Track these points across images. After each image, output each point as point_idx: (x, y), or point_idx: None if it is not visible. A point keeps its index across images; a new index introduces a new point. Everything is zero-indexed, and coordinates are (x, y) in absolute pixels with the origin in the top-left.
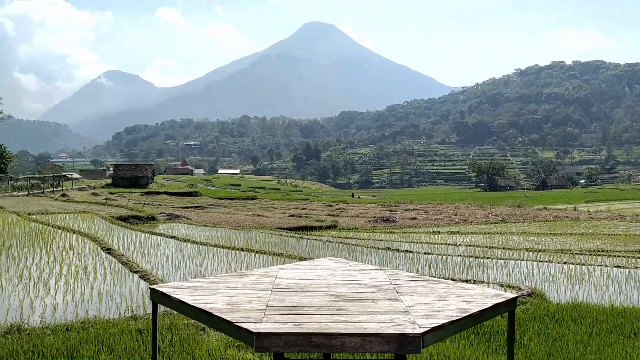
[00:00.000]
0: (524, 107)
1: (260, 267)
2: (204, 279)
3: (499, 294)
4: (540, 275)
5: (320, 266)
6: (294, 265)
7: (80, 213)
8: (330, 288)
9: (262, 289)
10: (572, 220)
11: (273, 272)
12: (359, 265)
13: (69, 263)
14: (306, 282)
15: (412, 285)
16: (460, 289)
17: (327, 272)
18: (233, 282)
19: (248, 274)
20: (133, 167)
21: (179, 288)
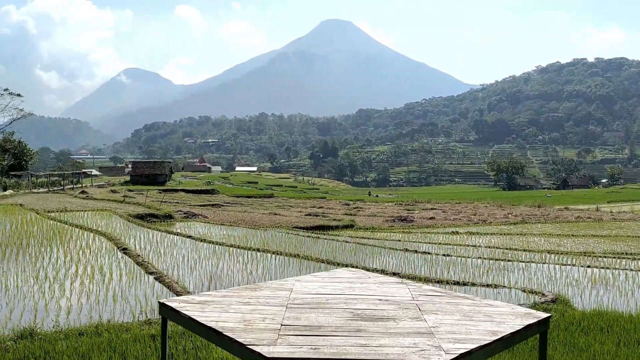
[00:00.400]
0: (544, 104)
1: (277, 268)
2: (217, 292)
3: (529, 313)
4: (563, 280)
5: (338, 278)
6: (310, 277)
7: (98, 211)
8: (348, 304)
9: (277, 305)
10: (594, 221)
11: (289, 285)
12: (379, 277)
13: (85, 263)
14: (323, 297)
15: (436, 301)
16: (487, 307)
17: (345, 285)
18: (247, 296)
19: (263, 286)
20: (151, 164)
21: (189, 303)
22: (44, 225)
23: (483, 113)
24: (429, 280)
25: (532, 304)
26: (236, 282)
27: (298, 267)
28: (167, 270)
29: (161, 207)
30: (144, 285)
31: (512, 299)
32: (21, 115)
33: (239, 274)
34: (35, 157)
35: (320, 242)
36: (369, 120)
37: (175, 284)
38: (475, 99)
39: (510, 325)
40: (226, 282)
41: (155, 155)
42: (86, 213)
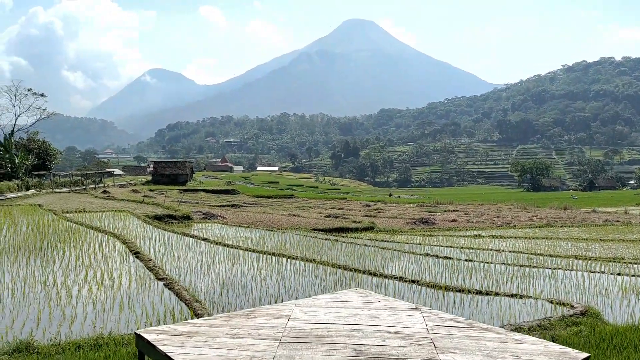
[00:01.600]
0: (570, 104)
1: (291, 274)
2: (203, 321)
3: (565, 353)
4: (592, 289)
5: (344, 302)
6: (312, 301)
7: (116, 212)
8: (352, 338)
9: (270, 337)
10: (623, 224)
11: (287, 311)
12: (390, 301)
13: (96, 268)
14: (324, 328)
15: (454, 335)
16: (515, 343)
17: (350, 311)
18: (237, 325)
19: (257, 312)
20: (172, 164)
21: (169, 335)
22: (59, 226)
23: (507, 113)
24: (450, 289)
25: (560, 316)
26: (249, 289)
27: (313, 273)
28: (178, 276)
29: (180, 207)
30: (153, 292)
31: (539, 311)
32: (46, 116)
33: (252, 281)
34: (58, 157)
35: (338, 246)
36: (391, 120)
37: (185, 292)
38: (499, 99)
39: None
40: (238, 289)
41: (178, 155)
42: (104, 214)
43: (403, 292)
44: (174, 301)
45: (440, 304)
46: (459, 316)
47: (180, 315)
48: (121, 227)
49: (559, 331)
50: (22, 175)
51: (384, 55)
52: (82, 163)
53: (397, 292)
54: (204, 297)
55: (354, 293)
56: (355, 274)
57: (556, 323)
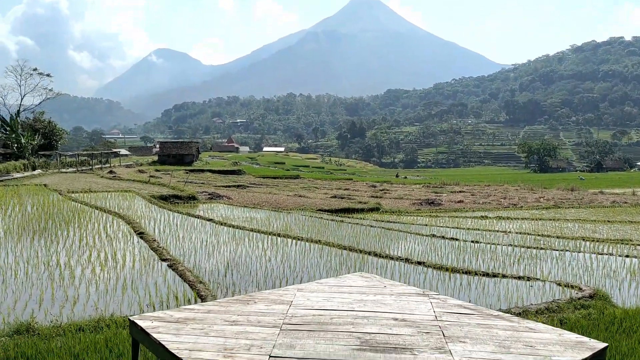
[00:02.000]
0: (578, 85)
1: (296, 255)
2: (201, 307)
3: (581, 343)
4: (600, 271)
5: (348, 287)
6: (315, 286)
7: (122, 192)
8: (356, 326)
9: (270, 325)
10: (631, 206)
11: (288, 296)
12: (396, 286)
13: (99, 248)
14: (327, 315)
15: (464, 322)
16: (528, 332)
17: (355, 297)
18: (236, 311)
19: (258, 298)
20: (178, 144)
21: (165, 321)
22: (64, 207)
23: (514, 93)
24: (456, 271)
25: (569, 299)
26: (253, 271)
27: (319, 255)
28: (182, 257)
29: (185, 188)
30: (156, 273)
31: (547, 293)
32: (52, 96)
33: (257, 262)
34: (64, 137)
35: (344, 227)
36: (398, 101)
37: (189, 273)
38: (506, 79)
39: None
40: (243, 270)
41: (185, 135)
42: (110, 194)
43: (409, 274)
44: (177, 282)
45: (446, 286)
46: (468, 302)
47: (183, 297)
48: (126, 208)
49: (567, 314)
50: (28, 156)
51: (391, 35)
52: (89, 143)
53: (402, 273)
54: (208, 278)
55: (358, 277)
56: (361, 255)
57: (564, 306)
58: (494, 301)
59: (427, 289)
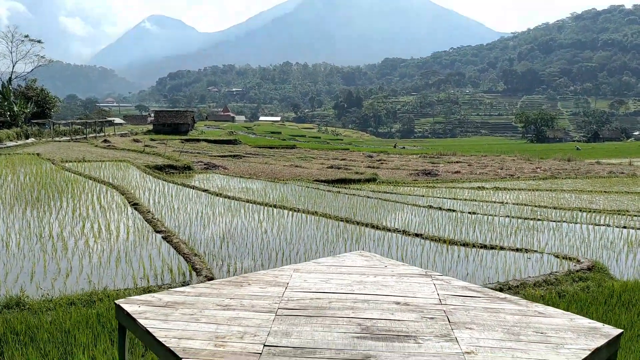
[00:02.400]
0: (578, 54)
1: (293, 227)
2: (192, 289)
3: (594, 329)
4: (597, 242)
5: (347, 268)
6: (312, 265)
7: (116, 162)
8: (356, 311)
9: (265, 310)
10: (627, 176)
11: (284, 277)
12: (397, 266)
13: (93, 220)
14: (325, 298)
15: (470, 306)
16: (537, 317)
17: (354, 278)
18: (229, 294)
19: (252, 279)
20: (173, 113)
21: (153, 305)
22: (57, 177)
23: (513, 62)
24: (454, 243)
25: (567, 271)
26: (249, 242)
27: (315, 226)
28: (177, 228)
29: (181, 158)
30: (151, 245)
31: (545, 266)
32: (43, 63)
33: (253, 233)
34: (58, 105)
35: (340, 197)
36: (395, 70)
37: (183, 245)
38: (505, 48)
39: (572, 350)
40: (239, 242)
41: (180, 104)
42: (104, 164)
43: (406, 246)
44: (172, 255)
45: (444, 258)
46: (474, 285)
47: (178, 270)
48: (121, 178)
49: (565, 287)
50: (21, 124)
51: (389, 2)
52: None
53: (400, 245)
54: (203, 250)
55: (358, 256)
56: (358, 227)
57: (562, 278)
58: (491, 274)
59: (425, 261)
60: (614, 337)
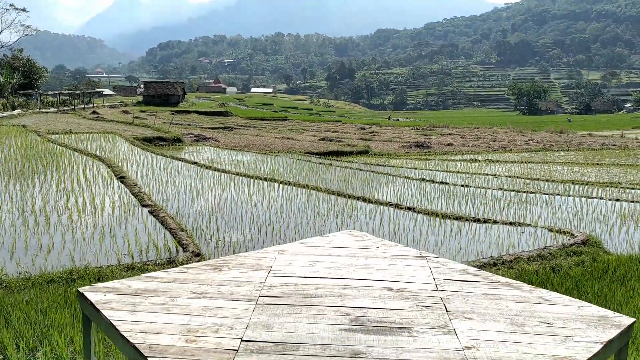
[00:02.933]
0: (571, 25)
1: (283, 200)
2: (165, 274)
3: (605, 319)
4: (590, 215)
5: (336, 249)
6: (298, 247)
7: (103, 133)
8: (345, 299)
9: (244, 298)
10: (619, 148)
11: (267, 260)
12: (390, 247)
13: (77, 193)
14: (311, 284)
15: (469, 292)
16: (542, 304)
17: (344, 261)
18: (206, 280)
19: (232, 262)
20: (164, 85)
21: (120, 294)
22: (43, 149)
23: (506, 34)
24: (447, 217)
25: (561, 245)
26: (239, 216)
27: (306, 200)
28: (165, 202)
29: (170, 130)
30: (137, 220)
31: (539, 240)
32: (29, 32)
33: (242, 207)
34: (45, 76)
35: (332, 170)
36: (388, 41)
37: (170, 219)
38: (499, 19)
39: (583, 343)
40: (228, 216)
41: (171, 75)
42: (91, 136)
43: (399, 220)
44: (158, 230)
45: (437, 232)
46: (468, 266)
47: (164, 246)
48: (108, 150)
49: (559, 261)
50: (7, 95)
51: None
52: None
53: (392, 219)
54: (191, 224)
55: (348, 236)
56: (349, 200)
57: (556, 253)
58: (484, 248)
59: (417, 235)
60: (626, 327)
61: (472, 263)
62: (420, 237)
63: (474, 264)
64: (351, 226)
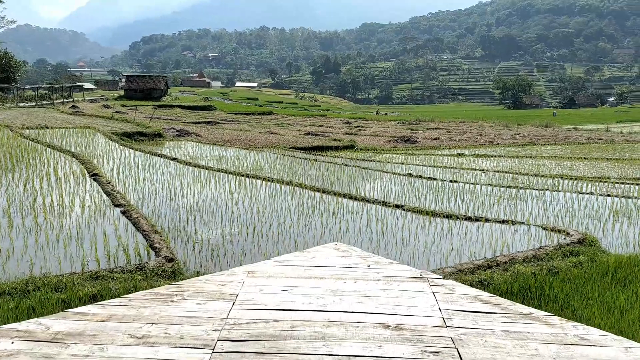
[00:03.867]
0: (555, 19)
1: (266, 199)
2: (100, 309)
3: None
4: (583, 211)
5: (318, 269)
6: (272, 267)
7: (81, 129)
8: (329, 343)
9: (198, 344)
10: (606, 142)
11: (233, 285)
12: (382, 265)
13: (46, 193)
14: (286, 321)
15: (486, 330)
16: (581, 346)
17: (328, 285)
18: (151, 316)
19: (188, 289)
20: (146, 79)
21: (33, 340)
22: (13, 145)
23: (491, 28)
24: (437, 215)
25: (557, 245)
26: (218, 216)
27: (290, 198)
28: (141, 201)
29: (150, 125)
30: (107, 221)
31: (533, 239)
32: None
33: (223, 206)
34: (24, 69)
35: (317, 166)
36: (373, 35)
37: (144, 220)
38: (483, 13)
39: None
40: (207, 216)
41: (155, 69)
42: (68, 131)
43: (386, 219)
44: (130, 232)
45: (427, 231)
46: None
47: (134, 251)
48: (84, 146)
49: (557, 262)
50: None
51: None
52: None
53: (380, 218)
54: (167, 225)
55: (332, 250)
56: (335, 197)
57: (553, 253)
58: (477, 248)
59: (407, 235)
60: None
61: (465, 265)
62: (410, 237)
63: (467, 266)
64: (337, 226)
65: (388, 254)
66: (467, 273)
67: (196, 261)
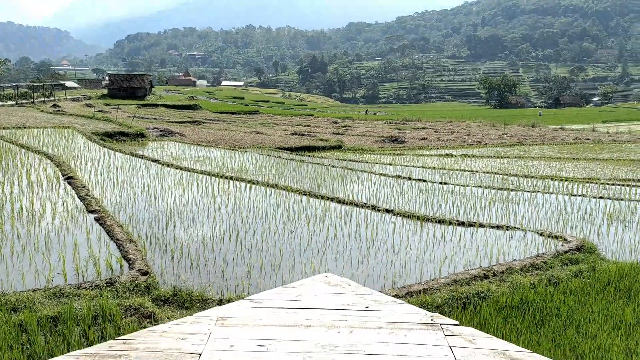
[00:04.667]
0: (540, 19)
1: (251, 203)
2: None
3: None
4: (576, 214)
5: (304, 312)
6: (247, 310)
7: (60, 128)
8: None
9: None
10: (594, 142)
11: (195, 339)
12: (384, 305)
13: (15, 198)
14: None
15: None
16: None
17: (316, 338)
18: None
19: (136, 347)
20: (129, 77)
21: None
22: None
23: (477, 28)
24: (429, 220)
25: (555, 252)
26: (199, 222)
27: (275, 201)
28: (117, 207)
29: (134, 124)
30: (79, 229)
31: (529, 246)
32: None
33: (204, 211)
34: (4, 67)
35: (303, 167)
36: (359, 35)
37: (119, 229)
38: (469, 13)
39: None
40: (188, 222)
41: (140, 68)
42: (46, 131)
43: (376, 224)
44: (103, 241)
45: (419, 238)
46: (507, 342)
47: (105, 264)
48: (62, 147)
49: (556, 272)
50: None
51: None
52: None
53: (369, 223)
54: (145, 232)
55: (322, 284)
56: (322, 201)
57: (551, 261)
58: (472, 256)
59: (398, 242)
60: None
61: (460, 275)
62: (401, 244)
63: (463, 277)
64: (324, 232)
65: (379, 262)
66: (463, 284)
67: (174, 272)
